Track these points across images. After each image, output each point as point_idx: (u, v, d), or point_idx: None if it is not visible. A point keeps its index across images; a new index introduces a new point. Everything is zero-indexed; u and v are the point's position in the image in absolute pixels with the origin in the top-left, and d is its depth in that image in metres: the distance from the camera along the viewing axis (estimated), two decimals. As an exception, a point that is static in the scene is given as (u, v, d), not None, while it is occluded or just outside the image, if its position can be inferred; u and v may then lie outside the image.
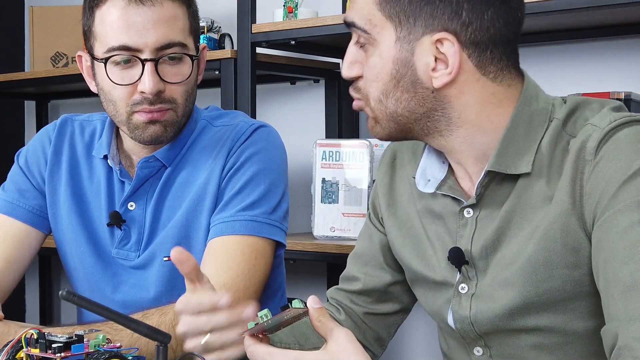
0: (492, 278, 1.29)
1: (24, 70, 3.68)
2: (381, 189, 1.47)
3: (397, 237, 1.43)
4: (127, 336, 1.42)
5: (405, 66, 1.25)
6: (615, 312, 1.13)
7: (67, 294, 1.09)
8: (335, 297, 1.53)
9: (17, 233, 1.75)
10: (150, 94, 1.58)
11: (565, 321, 1.26)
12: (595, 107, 1.27)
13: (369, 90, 1.28)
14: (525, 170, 1.25)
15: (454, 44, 1.22)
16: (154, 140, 1.64)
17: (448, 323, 1.36)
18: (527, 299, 1.25)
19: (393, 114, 1.28)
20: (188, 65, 1.63)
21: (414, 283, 1.44)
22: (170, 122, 1.63)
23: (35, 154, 1.80)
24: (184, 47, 1.62)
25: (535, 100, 1.28)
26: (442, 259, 1.35)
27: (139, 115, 1.61)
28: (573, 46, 2.44)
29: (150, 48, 1.58)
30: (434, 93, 1.25)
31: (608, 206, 1.17)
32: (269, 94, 3.07)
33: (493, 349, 1.33)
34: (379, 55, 1.26)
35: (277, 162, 1.72)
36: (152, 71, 1.58)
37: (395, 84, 1.26)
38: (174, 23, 1.60)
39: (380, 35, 1.25)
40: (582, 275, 1.23)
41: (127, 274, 1.73)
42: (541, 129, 1.26)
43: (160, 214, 1.71)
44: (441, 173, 1.36)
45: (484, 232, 1.29)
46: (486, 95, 1.26)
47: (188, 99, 1.65)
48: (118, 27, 1.58)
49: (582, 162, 1.21)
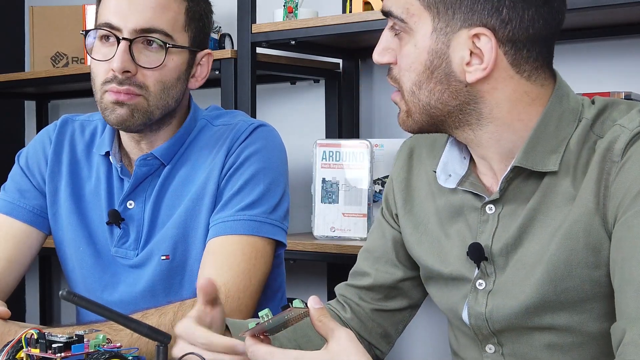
0: (511, 275, 1.29)
1: (24, 70, 3.67)
2: (397, 185, 1.47)
3: (413, 235, 1.43)
4: (127, 336, 1.42)
5: (440, 58, 1.24)
6: (627, 310, 1.13)
7: (67, 294, 1.09)
8: (344, 294, 1.52)
9: (18, 233, 1.75)
10: (118, 71, 1.60)
11: (581, 321, 1.26)
12: (624, 108, 1.27)
13: (402, 80, 1.28)
14: (553, 168, 1.25)
15: (491, 40, 1.22)
16: (120, 123, 1.64)
17: (462, 319, 1.36)
18: (545, 297, 1.25)
19: (426, 105, 1.27)
20: (169, 56, 1.63)
21: (429, 280, 1.44)
22: (138, 109, 1.63)
23: (36, 154, 1.81)
24: (168, 37, 1.63)
25: (567, 99, 1.28)
26: (460, 254, 1.35)
27: (108, 95, 1.62)
28: (573, 46, 2.44)
29: (129, 29, 1.60)
30: (467, 87, 1.25)
31: (630, 206, 1.17)
32: (269, 94, 3.07)
33: (505, 347, 1.33)
34: (413, 45, 1.25)
35: (276, 161, 1.72)
36: (125, 50, 1.60)
37: (428, 75, 1.25)
38: (163, 12, 1.62)
39: (416, 25, 1.25)
40: (601, 276, 1.23)
41: (126, 272, 1.73)
42: (571, 128, 1.26)
43: (159, 212, 1.71)
44: (462, 169, 1.35)
45: (506, 229, 1.29)
46: (519, 94, 1.26)
47: (165, 91, 1.64)
48: (107, 7, 1.63)
49: (609, 163, 1.21)
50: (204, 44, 1.72)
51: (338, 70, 2.87)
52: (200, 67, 1.71)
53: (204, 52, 1.71)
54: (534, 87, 1.27)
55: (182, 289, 1.69)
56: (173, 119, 1.72)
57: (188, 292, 1.68)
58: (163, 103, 1.65)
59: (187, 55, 1.67)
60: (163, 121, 1.69)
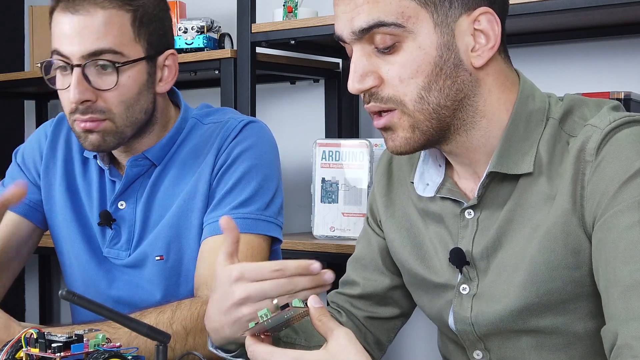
0: (493, 279, 1.29)
1: (24, 70, 3.67)
2: (379, 191, 1.47)
3: (396, 239, 1.43)
4: (126, 336, 1.42)
5: (449, 49, 1.22)
6: (615, 312, 1.13)
7: (67, 294, 1.09)
8: (336, 301, 1.52)
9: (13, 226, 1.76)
10: (75, 103, 1.58)
11: (566, 322, 1.26)
12: (592, 105, 1.27)
13: (405, 91, 1.22)
14: (527, 170, 1.25)
15: (494, 17, 1.22)
16: (95, 149, 1.64)
17: (449, 325, 1.36)
18: (528, 300, 1.25)
19: (436, 108, 1.23)
20: (122, 74, 1.60)
21: (413, 286, 1.44)
22: (108, 132, 1.61)
23: (32, 150, 1.81)
24: (118, 54, 1.59)
25: (532, 99, 1.28)
26: (443, 260, 1.35)
27: (76, 124, 1.62)
28: (573, 46, 2.44)
29: (77, 56, 1.58)
30: (472, 75, 1.24)
31: (609, 206, 1.17)
32: (268, 93, 3.07)
33: (493, 352, 1.33)
34: (417, 47, 1.21)
35: (268, 157, 1.71)
36: (79, 79, 1.57)
37: (438, 72, 1.22)
38: (107, 30, 1.58)
39: (416, 26, 1.21)
40: (583, 276, 1.22)
41: (120, 272, 1.73)
42: (539, 128, 1.26)
43: (151, 213, 1.71)
44: (439, 177, 1.35)
45: (485, 233, 1.29)
46: (502, 76, 1.27)
47: (129, 109, 1.62)
48: (55, 35, 1.61)
49: (583, 163, 1.21)
50: (164, 45, 1.67)
51: (338, 70, 2.87)
52: (165, 69, 1.68)
53: (166, 53, 1.67)
54: (510, 72, 1.28)
55: (179, 289, 1.69)
56: (154, 125, 1.70)
57: (184, 292, 1.67)
58: (131, 120, 1.63)
59: (145, 65, 1.64)
60: (142, 131, 1.68)
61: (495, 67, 1.26)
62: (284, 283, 1.20)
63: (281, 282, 1.20)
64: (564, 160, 1.23)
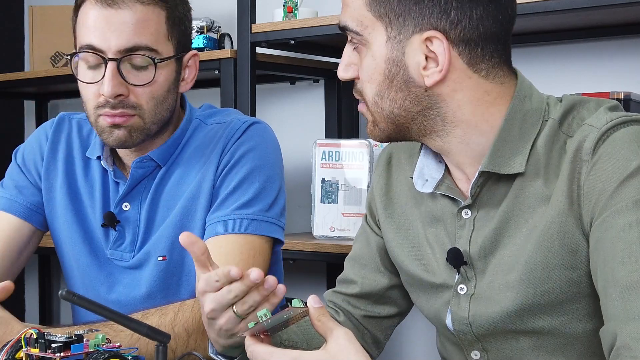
0: (490, 279, 1.29)
1: (23, 70, 3.68)
2: (377, 191, 1.47)
3: (395, 239, 1.43)
4: (126, 336, 1.42)
5: (397, 65, 1.25)
6: (614, 312, 1.13)
7: (67, 294, 1.09)
8: (333, 300, 1.52)
9: (14, 229, 1.75)
10: (109, 96, 1.57)
11: (564, 323, 1.26)
12: (592, 106, 1.27)
13: (365, 91, 1.29)
14: (518, 170, 1.25)
15: (442, 42, 1.22)
16: (120, 144, 1.63)
17: (446, 325, 1.36)
18: (525, 301, 1.25)
19: (390, 114, 1.28)
20: (158, 71, 1.60)
21: (411, 286, 1.44)
22: (135, 128, 1.61)
23: (32, 151, 1.81)
24: (153, 51, 1.60)
25: (529, 99, 1.28)
26: (441, 261, 1.35)
27: (103, 119, 1.61)
28: (573, 46, 2.44)
29: (113, 50, 1.57)
30: (427, 92, 1.25)
31: (606, 206, 1.17)
32: (268, 93, 3.07)
33: (490, 352, 1.33)
34: (371, 56, 1.26)
35: (272, 159, 1.71)
36: (114, 72, 1.57)
37: (388, 84, 1.26)
38: (144, 27, 1.58)
39: (371, 36, 1.26)
40: (580, 277, 1.23)
41: (122, 274, 1.73)
42: (535, 128, 1.26)
43: (155, 214, 1.71)
44: (438, 173, 1.35)
45: (481, 233, 1.29)
46: (479, 94, 1.26)
47: (158, 106, 1.63)
48: (87, 28, 1.59)
49: (580, 163, 1.21)
50: (188, 46, 1.70)
51: (338, 70, 2.87)
52: (188, 69, 1.70)
53: (190, 54, 1.69)
54: (494, 86, 1.27)
55: (180, 290, 1.69)
56: (169, 125, 1.71)
57: (186, 293, 1.67)
58: (158, 117, 1.64)
59: (175, 63, 1.65)
60: (160, 131, 1.68)
61: (467, 83, 1.26)
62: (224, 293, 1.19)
63: (222, 293, 1.19)
64: (561, 160, 1.24)
